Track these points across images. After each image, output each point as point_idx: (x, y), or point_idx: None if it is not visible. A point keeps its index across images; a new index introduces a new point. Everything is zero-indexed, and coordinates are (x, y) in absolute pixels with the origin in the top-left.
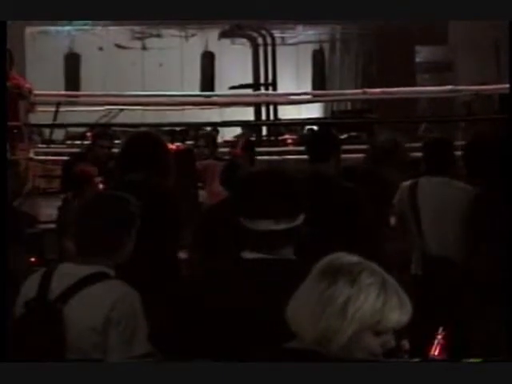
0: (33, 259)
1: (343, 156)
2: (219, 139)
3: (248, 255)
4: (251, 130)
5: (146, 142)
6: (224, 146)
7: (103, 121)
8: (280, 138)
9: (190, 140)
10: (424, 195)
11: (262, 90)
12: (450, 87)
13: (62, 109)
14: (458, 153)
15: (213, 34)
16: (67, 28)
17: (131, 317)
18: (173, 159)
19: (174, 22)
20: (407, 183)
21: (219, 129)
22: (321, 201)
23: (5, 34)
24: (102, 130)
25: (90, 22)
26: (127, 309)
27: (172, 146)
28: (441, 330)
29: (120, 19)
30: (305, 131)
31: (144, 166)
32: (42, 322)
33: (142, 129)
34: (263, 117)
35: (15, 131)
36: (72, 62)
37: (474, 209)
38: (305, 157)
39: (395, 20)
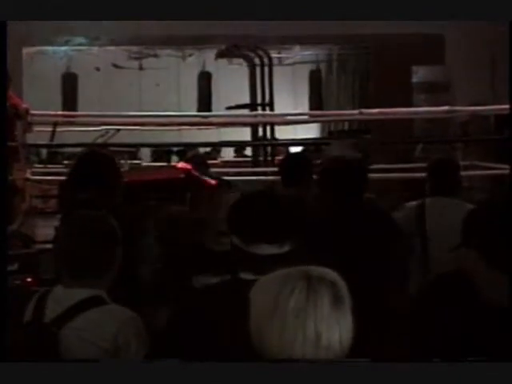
0: (29, 279)
1: None
2: (218, 159)
3: (249, 277)
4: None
5: (93, 161)
6: (222, 166)
7: (100, 141)
8: (277, 158)
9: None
10: (433, 216)
11: (259, 111)
12: (446, 108)
13: (59, 129)
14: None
15: (210, 54)
16: (64, 48)
17: (137, 336)
18: (120, 177)
19: (171, 43)
20: (413, 203)
21: (220, 149)
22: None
23: (5, 34)
24: None
25: (86, 42)
26: (131, 331)
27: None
28: None
29: (121, 19)
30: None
31: (92, 184)
32: (38, 346)
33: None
34: (260, 137)
35: (12, 151)
36: (69, 82)
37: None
38: None
39: (394, 20)
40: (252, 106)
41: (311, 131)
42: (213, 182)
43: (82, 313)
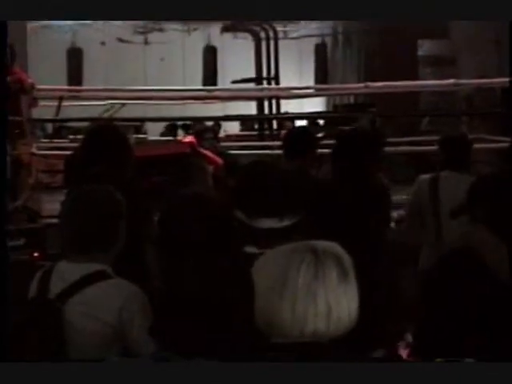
0: (36, 254)
1: None
2: (221, 133)
3: (252, 250)
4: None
5: (102, 135)
6: (226, 140)
7: (106, 115)
8: (283, 131)
9: (192, 134)
10: (446, 189)
11: (265, 85)
12: (452, 81)
13: (64, 103)
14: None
15: (215, 28)
16: (69, 23)
17: (142, 310)
18: (129, 151)
19: (176, 16)
20: (427, 176)
21: (221, 123)
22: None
23: (5, 34)
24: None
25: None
26: (136, 304)
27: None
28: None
29: (122, 19)
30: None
31: (103, 158)
32: (42, 321)
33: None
34: (266, 111)
35: (17, 126)
36: (74, 57)
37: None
38: None
39: (394, 20)
40: (257, 80)
41: (317, 105)
42: (218, 159)
43: (86, 287)
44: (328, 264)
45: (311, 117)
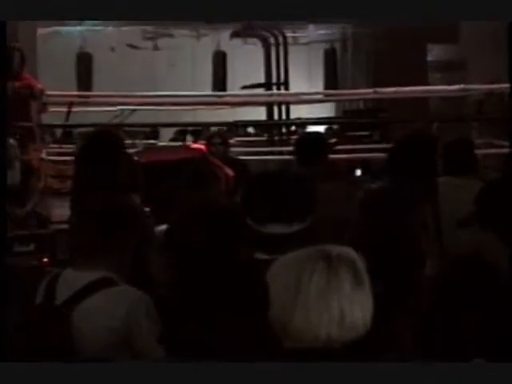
0: (45, 259)
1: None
2: (233, 139)
3: (262, 256)
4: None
5: (100, 142)
6: (237, 146)
7: (115, 121)
8: (292, 137)
9: (202, 139)
10: (445, 195)
11: (274, 90)
12: (461, 86)
13: (74, 109)
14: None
15: (224, 33)
16: (79, 28)
17: (148, 316)
18: (126, 156)
19: (186, 22)
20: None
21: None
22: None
23: (5, 34)
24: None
25: (101, 22)
26: (143, 310)
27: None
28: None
29: (122, 19)
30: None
31: (98, 164)
32: (49, 328)
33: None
34: (275, 116)
35: (27, 131)
36: (84, 62)
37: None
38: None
39: (398, 21)
40: (267, 85)
41: (326, 110)
42: (228, 171)
43: (92, 294)
44: (342, 270)
45: (321, 122)
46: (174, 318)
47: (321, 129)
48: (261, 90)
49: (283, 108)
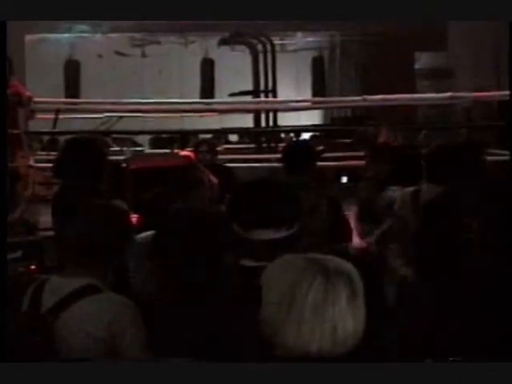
0: (33, 266)
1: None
2: (221, 146)
3: (249, 263)
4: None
5: (78, 148)
6: (224, 153)
7: (103, 128)
8: (280, 145)
9: (189, 147)
10: (432, 201)
11: (262, 97)
12: (449, 94)
13: (61, 116)
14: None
15: (212, 40)
16: (67, 35)
17: (133, 322)
18: (106, 164)
19: (174, 29)
20: (409, 190)
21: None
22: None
23: (5, 34)
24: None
25: (89, 29)
26: (125, 319)
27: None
28: None
29: (120, 19)
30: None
31: (76, 170)
32: (33, 335)
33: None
34: (263, 124)
35: (15, 138)
36: (72, 69)
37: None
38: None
39: (394, 21)
40: (255, 92)
41: (314, 118)
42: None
43: (76, 302)
44: (339, 285)
45: (309, 130)
46: (161, 324)
47: (309, 136)
48: (249, 98)
49: (271, 115)
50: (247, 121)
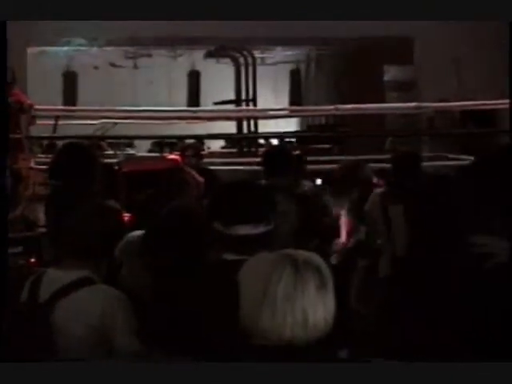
0: (33, 260)
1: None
2: (205, 150)
3: (230, 257)
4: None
5: (73, 152)
6: (208, 157)
7: (98, 133)
8: (260, 149)
9: (177, 151)
10: (393, 202)
11: (244, 106)
12: (415, 104)
13: (60, 122)
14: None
15: (199, 54)
16: (65, 48)
17: (123, 313)
18: (99, 167)
19: (163, 43)
20: (378, 191)
21: (204, 141)
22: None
23: (5, 34)
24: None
25: (85, 42)
26: (117, 309)
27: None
28: None
29: (119, 19)
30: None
31: (69, 172)
32: (31, 324)
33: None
34: (244, 130)
35: (17, 142)
36: (70, 80)
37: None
38: None
39: (392, 20)
40: (237, 101)
41: (291, 125)
42: (200, 178)
43: (72, 292)
44: (307, 275)
45: (286, 136)
46: (150, 315)
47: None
48: (231, 106)
49: (252, 123)
50: (230, 127)
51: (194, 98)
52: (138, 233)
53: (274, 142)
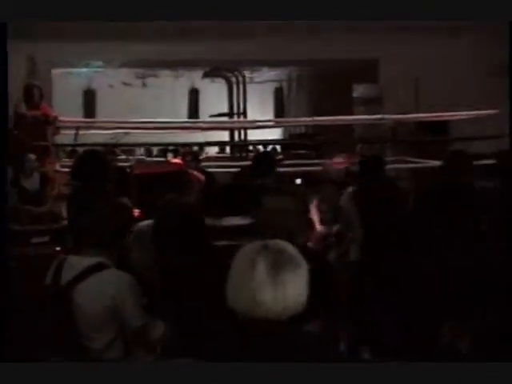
0: (58, 248)
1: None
2: (203, 155)
3: (223, 243)
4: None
5: (91, 158)
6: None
7: (112, 141)
8: (249, 154)
9: (179, 156)
10: (363, 198)
11: (235, 118)
12: (379, 116)
13: (80, 132)
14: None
15: (197, 74)
16: (85, 70)
17: (132, 293)
18: (111, 171)
19: (168, 65)
20: (351, 189)
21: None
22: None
23: (5, 33)
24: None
25: (103, 65)
26: (128, 288)
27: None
28: None
29: (118, 19)
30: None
31: (88, 175)
32: (54, 304)
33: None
34: (236, 138)
35: (44, 149)
36: (89, 96)
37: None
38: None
39: (393, 20)
40: (230, 114)
41: (276, 134)
42: (202, 177)
43: (89, 276)
44: (278, 259)
45: (271, 143)
46: (156, 293)
47: (271, 148)
48: (225, 118)
49: (242, 132)
50: (224, 136)
51: (193, 111)
52: (147, 222)
53: (261, 148)
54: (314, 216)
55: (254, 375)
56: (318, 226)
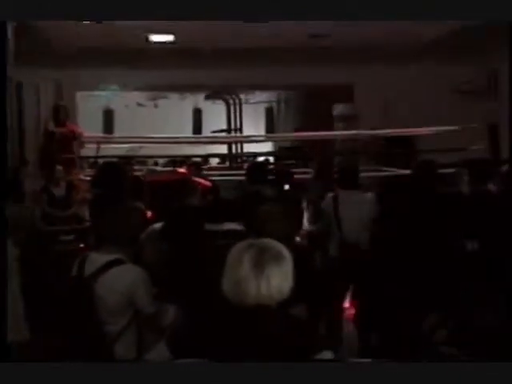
0: (82, 246)
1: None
2: (207, 165)
3: (221, 243)
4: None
5: (110, 168)
6: (207, 170)
7: (129, 154)
8: (244, 164)
9: (185, 166)
10: (343, 202)
11: (233, 133)
12: (355, 132)
13: (101, 146)
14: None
15: (200, 96)
16: (104, 92)
17: (144, 284)
18: (127, 179)
19: (175, 89)
20: (331, 194)
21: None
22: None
23: (5, 34)
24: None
25: (120, 88)
26: (141, 280)
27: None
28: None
29: (117, 20)
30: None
31: (106, 184)
32: (78, 294)
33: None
34: (233, 151)
35: (71, 161)
36: (108, 115)
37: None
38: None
39: (403, 21)
40: (228, 130)
41: (267, 147)
42: (208, 183)
43: (108, 270)
44: (264, 254)
45: (263, 155)
46: (165, 284)
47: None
48: (224, 134)
49: (239, 145)
50: (223, 149)
51: (197, 128)
52: (158, 225)
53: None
54: (302, 216)
55: (254, 375)
56: (305, 225)
